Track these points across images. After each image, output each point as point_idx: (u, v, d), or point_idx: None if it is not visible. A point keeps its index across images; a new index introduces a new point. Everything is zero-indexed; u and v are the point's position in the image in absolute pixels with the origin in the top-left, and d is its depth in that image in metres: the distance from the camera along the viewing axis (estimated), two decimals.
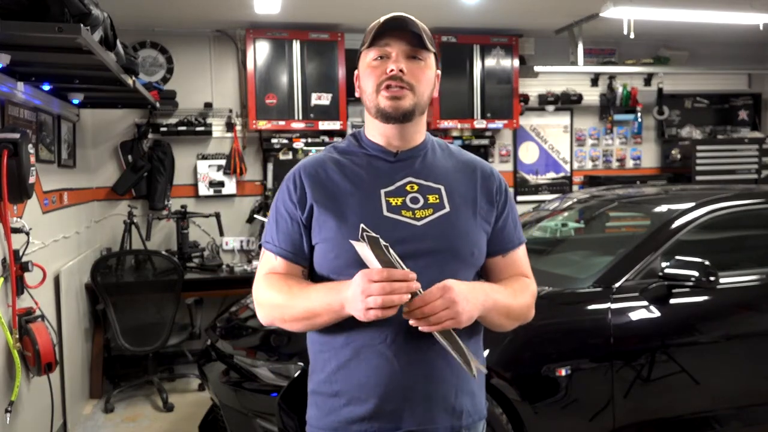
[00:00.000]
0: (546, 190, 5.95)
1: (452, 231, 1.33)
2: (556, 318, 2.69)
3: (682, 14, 4.49)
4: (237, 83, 5.17)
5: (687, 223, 2.90)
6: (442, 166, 1.41)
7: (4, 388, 2.71)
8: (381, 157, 1.39)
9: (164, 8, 4.46)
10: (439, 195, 1.36)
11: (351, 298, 1.20)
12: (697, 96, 6.29)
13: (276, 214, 1.39)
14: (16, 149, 2.54)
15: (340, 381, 1.34)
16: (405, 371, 1.30)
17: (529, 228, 3.72)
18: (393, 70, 1.29)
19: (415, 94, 1.32)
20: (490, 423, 2.43)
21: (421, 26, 1.33)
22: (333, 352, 1.35)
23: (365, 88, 1.35)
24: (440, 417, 1.33)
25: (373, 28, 1.33)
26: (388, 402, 1.30)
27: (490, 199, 1.42)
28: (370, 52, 1.34)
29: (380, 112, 1.33)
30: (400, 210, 1.32)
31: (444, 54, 5.23)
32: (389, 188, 1.35)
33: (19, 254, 2.81)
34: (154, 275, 4.20)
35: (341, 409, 1.34)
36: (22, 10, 2.06)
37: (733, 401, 2.84)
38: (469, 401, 1.38)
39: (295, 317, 1.32)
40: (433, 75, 1.37)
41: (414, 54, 1.33)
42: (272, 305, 1.36)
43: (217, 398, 2.86)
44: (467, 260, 1.35)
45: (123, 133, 4.99)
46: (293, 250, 1.37)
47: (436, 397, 1.32)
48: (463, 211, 1.36)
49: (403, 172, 1.37)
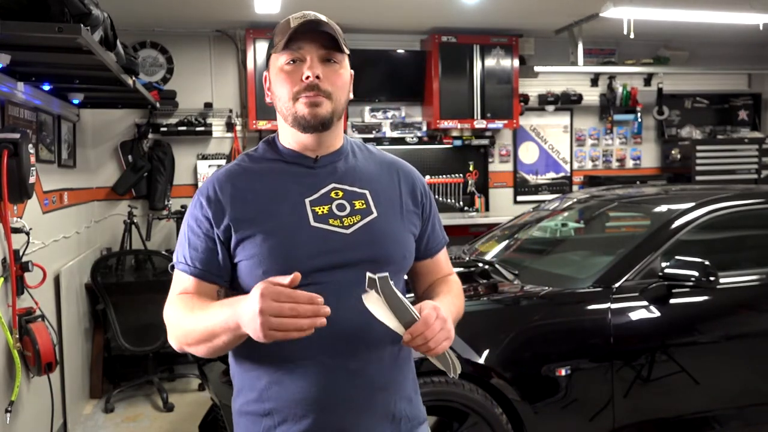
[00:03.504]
0: (546, 190, 5.95)
1: (383, 237, 1.28)
2: (556, 318, 2.69)
3: (682, 14, 4.49)
4: (237, 83, 5.17)
5: (687, 223, 2.90)
6: (365, 169, 1.35)
7: (4, 388, 2.71)
8: (300, 164, 1.31)
9: (164, 8, 4.46)
10: (365, 200, 1.30)
11: (247, 316, 1.05)
12: (697, 96, 6.29)
13: (188, 231, 1.28)
14: (16, 149, 2.54)
15: (273, 398, 1.24)
16: (345, 381, 1.23)
17: (529, 228, 3.72)
18: (309, 77, 1.22)
19: (332, 101, 1.25)
20: (490, 423, 2.45)
21: (334, 26, 1.25)
22: (263, 369, 1.25)
23: (279, 94, 1.27)
24: (382, 426, 1.28)
25: (284, 29, 1.24)
26: (329, 416, 1.23)
27: (414, 201, 1.38)
28: (281, 55, 1.25)
29: (298, 122, 1.26)
30: (327, 219, 1.25)
31: (444, 54, 5.24)
32: (313, 196, 1.27)
33: (19, 254, 2.81)
34: (154, 275, 4.21)
35: (275, 428, 1.24)
36: (22, 10, 2.06)
37: (733, 401, 2.83)
38: (407, 406, 1.33)
39: (196, 339, 1.19)
40: (348, 77, 1.31)
41: (329, 57, 1.25)
42: (177, 327, 1.23)
43: (217, 398, 2.86)
44: (400, 265, 1.31)
45: (123, 133, 4.99)
46: (205, 268, 1.26)
47: (376, 406, 1.27)
48: (390, 215, 1.32)
49: (326, 179, 1.30)
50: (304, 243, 1.19)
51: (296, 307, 1.02)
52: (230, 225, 1.24)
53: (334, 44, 1.24)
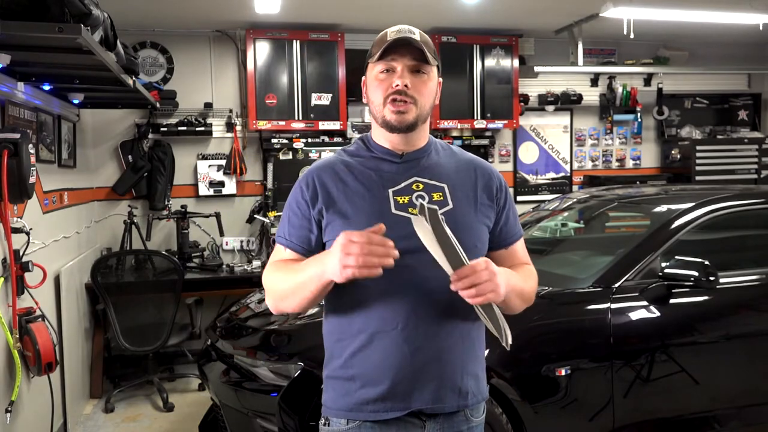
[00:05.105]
0: (546, 190, 5.95)
1: (457, 225, 1.39)
2: (556, 318, 2.69)
3: (682, 14, 4.49)
4: (237, 83, 5.17)
5: (687, 223, 2.90)
6: (445, 166, 1.52)
7: (4, 388, 2.71)
8: (388, 159, 1.49)
9: (164, 8, 4.46)
10: (443, 192, 1.46)
11: (329, 258, 1.27)
12: (696, 96, 6.29)
13: (289, 211, 1.51)
14: (16, 149, 2.54)
15: (356, 365, 1.44)
16: (415, 355, 1.40)
17: (529, 228, 3.72)
18: (398, 85, 1.41)
19: (417, 106, 1.44)
20: (490, 423, 2.45)
21: (424, 40, 1.44)
22: (350, 340, 1.44)
23: (373, 98, 1.47)
24: (448, 397, 1.43)
25: (381, 42, 1.44)
26: (400, 384, 1.40)
27: (490, 196, 1.53)
28: (377, 65, 1.45)
29: (386, 124, 1.45)
30: (407, 207, 1.42)
31: (444, 54, 5.23)
32: (396, 187, 1.45)
33: (20, 254, 2.82)
34: (154, 275, 4.21)
35: (356, 391, 1.43)
36: (23, 10, 2.06)
37: (733, 401, 2.84)
38: (473, 383, 1.48)
39: (288, 291, 1.41)
40: (434, 86, 1.49)
41: (418, 68, 1.44)
42: (273, 286, 1.46)
43: (217, 398, 2.86)
44: (471, 251, 1.40)
45: (123, 133, 4.99)
46: (302, 244, 1.47)
47: (444, 378, 1.43)
48: (465, 207, 1.47)
49: (409, 172, 1.48)
50: (391, 225, 1.31)
51: (369, 245, 1.21)
52: (322, 208, 1.45)
53: (422, 57, 1.43)
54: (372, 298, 1.41)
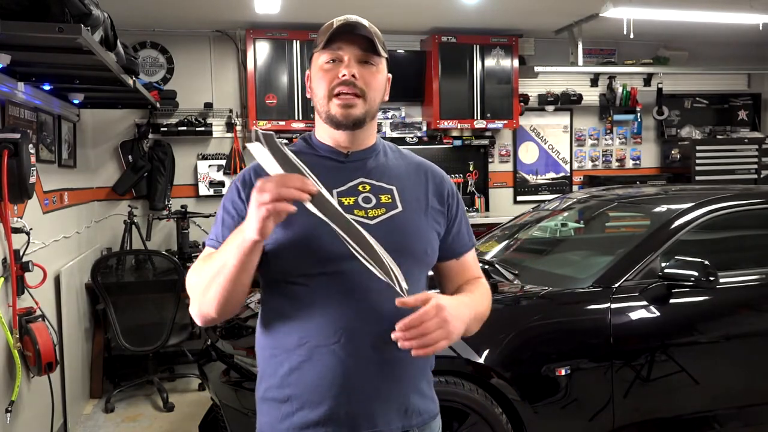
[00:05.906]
0: (546, 190, 5.95)
1: (405, 229, 1.33)
2: (555, 318, 2.69)
3: (682, 14, 4.50)
4: (237, 83, 5.17)
5: (687, 223, 2.90)
6: (394, 168, 1.41)
7: (4, 388, 2.71)
8: (332, 158, 1.38)
9: (164, 8, 4.46)
10: (391, 195, 1.36)
11: (248, 217, 1.13)
12: (696, 96, 6.30)
13: (223, 212, 1.35)
14: (16, 149, 2.54)
15: (292, 385, 1.30)
16: (359, 372, 1.28)
17: (529, 228, 3.72)
18: (345, 75, 1.30)
19: (366, 101, 1.32)
20: (490, 423, 2.45)
21: (373, 31, 1.32)
22: (285, 355, 1.31)
23: (317, 91, 1.35)
24: (393, 418, 1.31)
25: (326, 30, 1.32)
26: (342, 404, 1.28)
27: (441, 201, 1.43)
28: (322, 54, 1.34)
29: (331, 120, 1.33)
30: (352, 209, 1.31)
31: (444, 54, 5.24)
32: (341, 188, 1.34)
33: (20, 254, 2.81)
34: (154, 275, 4.21)
35: (293, 414, 1.30)
36: (23, 10, 2.06)
37: (733, 401, 2.84)
38: (420, 400, 1.36)
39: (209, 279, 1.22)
40: (384, 80, 1.38)
41: (366, 59, 1.32)
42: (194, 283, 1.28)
43: (217, 398, 2.86)
44: (421, 258, 1.36)
45: (123, 133, 4.99)
46: None
47: (390, 397, 1.31)
48: (415, 211, 1.37)
49: (355, 173, 1.37)
50: (328, 230, 1.19)
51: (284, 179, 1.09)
52: None
53: (372, 47, 1.31)
54: (310, 307, 1.28)
